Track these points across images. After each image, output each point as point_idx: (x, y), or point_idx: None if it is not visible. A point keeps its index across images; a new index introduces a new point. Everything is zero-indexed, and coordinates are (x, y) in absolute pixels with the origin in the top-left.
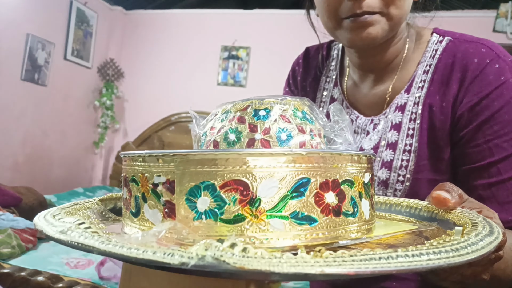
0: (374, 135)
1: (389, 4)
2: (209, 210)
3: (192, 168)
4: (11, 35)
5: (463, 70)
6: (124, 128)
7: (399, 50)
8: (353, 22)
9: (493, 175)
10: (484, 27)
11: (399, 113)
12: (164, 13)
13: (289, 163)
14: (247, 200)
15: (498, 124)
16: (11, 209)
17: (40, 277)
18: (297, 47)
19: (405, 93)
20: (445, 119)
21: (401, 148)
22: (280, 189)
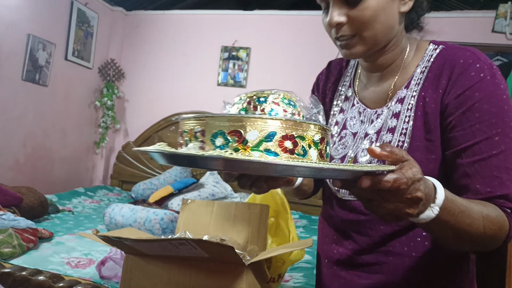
0: (377, 122)
1: (361, 29)
2: (221, 145)
3: (215, 123)
4: (12, 36)
5: (451, 68)
6: (125, 128)
7: (397, 55)
8: (339, 43)
9: (476, 154)
10: (483, 28)
11: (399, 104)
12: (165, 14)
13: (264, 123)
14: (241, 141)
15: (479, 112)
16: (12, 209)
17: (41, 277)
18: (297, 47)
19: (405, 88)
20: (435, 107)
21: (399, 131)
22: (259, 137)
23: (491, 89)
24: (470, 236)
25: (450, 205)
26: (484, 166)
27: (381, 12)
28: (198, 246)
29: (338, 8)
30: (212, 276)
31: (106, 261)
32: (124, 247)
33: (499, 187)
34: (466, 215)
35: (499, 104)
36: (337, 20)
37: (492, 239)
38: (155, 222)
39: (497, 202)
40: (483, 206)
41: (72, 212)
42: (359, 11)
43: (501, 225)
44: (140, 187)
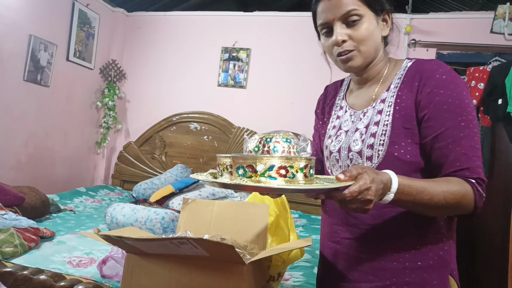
0: (365, 119)
1: (359, 45)
2: (242, 174)
3: (238, 160)
4: (14, 36)
5: (421, 74)
6: (126, 128)
7: (380, 68)
8: (341, 58)
9: (448, 137)
10: (481, 29)
11: (381, 104)
12: (166, 15)
13: (267, 159)
14: (253, 171)
15: (446, 104)
16: (13, 209)
17: (43, 276)
18: (296, 48)
19: (386, 91)
20: (411, 103)
21: (382, 123)
22: (264, 168)
23: (453, 87)
24: (433, 207)
25: (406, 189)
26: (455, 146)
27: (372, 33)
28: (198, 245)
29: (340, 29)
30: (213, 274)
31: (107, 260)
32: (125, 246)
33: (466, 161)
34: (425, 193)
35: (461, 98)
36: (341, 38)
37: (458, 205)
38: (156, 222)
39: (464, 174)
40: (446, 182)
41: (74, 211)
42: (357, 31)
43: (462, 195)
44: (141, 186)
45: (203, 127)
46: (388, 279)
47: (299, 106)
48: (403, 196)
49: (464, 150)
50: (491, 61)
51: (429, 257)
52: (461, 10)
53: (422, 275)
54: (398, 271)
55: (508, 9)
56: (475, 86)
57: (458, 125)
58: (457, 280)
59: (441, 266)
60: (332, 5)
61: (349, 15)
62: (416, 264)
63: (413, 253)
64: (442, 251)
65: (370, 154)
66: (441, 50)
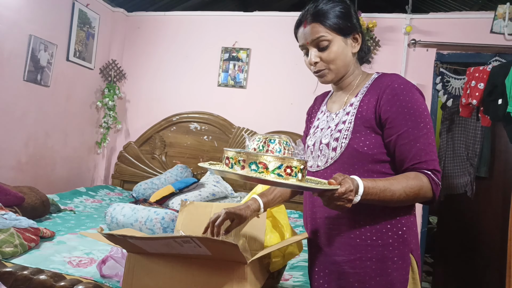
0: (336, 119)
1: (329, 64)
2: (254, 169)
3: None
4: (14, 36)
5: (382, 84)
6: (126, 128)
7: (352, 79)
8: (316, 75)
9: (409, 136)
10: (481, 29)
11: (350, 107)
12: (166, 15)
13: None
14: (264, 167)
15: (406, 108)
16: (13, 209)
17: (43, 276)
18: (296, 48)
19: (355, 97)
20: (371, 106)
21: (348, 122)
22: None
23: (410, 95)
24: (396, 200)
25: (370, 191)
26: (415, 143)
27: (340, 54)
28: (202, 244)
29: (314, 52)
30: (215, 273)
31: (107, 260)
32: (127, 245)
33: (424, 156)
34: (388, 191)
35: (417, 104)
36: (314, 60)
37: (417, 196)
38: (156, 222)
39: (421, 166)
40: (405, 178)
41: (74, 211)
42: (326, 54)
43: (420, 187)
44: (141, 186)
45: (203, 127)
46: (353, 254)
47: (299, 106)
48: (368, 196)
49: (423, 147)
50: (491, 61)
51: (389, 236)
52: (461, 10)
53: (382, 252)
54: (362, 247)
55: (508, 9)
56: (475, 86)
57: (417, 126)
58: (418, 259)
59: (401, 244)
60: (306, 32)
61: (319, 41)
62: (377, 242)
63: (374, 232)
64: (401, 231)
65: (335, 145)
66: (441, 50)
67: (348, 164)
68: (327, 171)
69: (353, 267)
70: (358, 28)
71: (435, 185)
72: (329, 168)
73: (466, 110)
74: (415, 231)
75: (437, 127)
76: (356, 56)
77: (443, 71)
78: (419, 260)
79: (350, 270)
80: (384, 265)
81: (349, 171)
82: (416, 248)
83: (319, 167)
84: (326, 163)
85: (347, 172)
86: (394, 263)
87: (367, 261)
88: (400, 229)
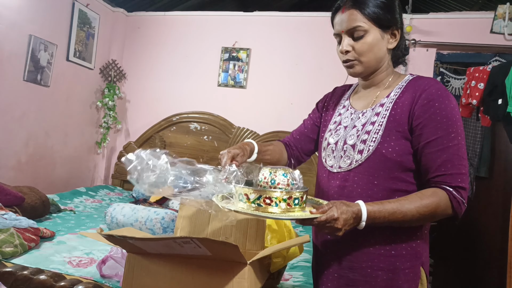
0: (363, 118)
1: (360, 56)
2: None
3: (270, 194)
4: (14, 36)
5: (418, 87)
6: (126, 128)
7: (383, 77)
8: (345, 65)
9: (438, 145)
10: (481, 29)
11: (380, 107)
12: (166, 15)
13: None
14: (269, 203)
15: (440, 116)
16: (13, 209)
17: (43, 276)
18: (296, 48)
19: (386, 97)
20: (406, 110)
21: (377, 123)
22: (278, 199)
23: (446, 102)
24: (408, 221)
25: (377, 215)
26: (443, 153)
27: (374, 47)
28: (202, 245)
29: (347, 41)
30: (215, 274)
31: (107, 260)
32: (127, 245)
33: (451, 168)
34: (398, 213)
35: (452, 112)
36: (345, 48)
37: (434, 214)
38: (156, 222)
39: (445, 179)
40: (419, 197)
41: (74, 211)
42: (359, 44)
43: (436, 204)
44: None
45: (203, 127)
46: (365, 262)
47: (299, 106)
48: (376, 220)
49: (451, 158)
50: (491, 61)
51: (402, 247)
52: (461, 10)
53: (395, 263)
54: (374, 256)
55: (508, 9)
56: (475, 86)
57: (448, 135)
58: (427, 272)
59: (413, 256)
60: (342, 20)
61: (355, 30)
62: (390, 252)
63: (388, 242)
64: (414, 243)
65: (361, 148)
66: (441, 50)
67: (373, 169)
68: (350, 174)
69: (364, 275)
70: (399, 24)
71: (457, 203)
72: (352, 171)
73: (466, 110)
74: (427, 244)
75: None
76: (391, 54)
77: (443, 71)
78: (428, 273)
79: (360, 277)
80: (395, 276)
81: (373, 176)
82: (426, 261)
83: (341, 168)
84: (350, 165)
85: (371, 178)
86: (405, 275)
87: (379, 271)
88: (414, 241)
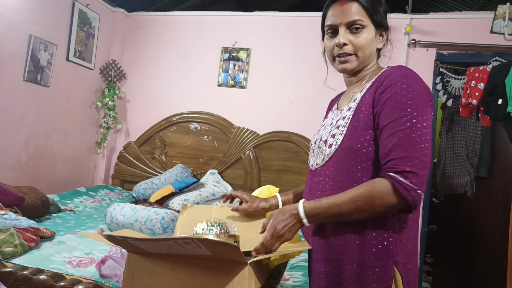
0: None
1: (357, 50)
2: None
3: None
4: (14, 36)
5: (383, 77)
6: (126, 128)
7: (366, 75)
8: (339, 59)
9: (390, 130)
10: (481, 29)
11: (353, 103)
12: (166, 15)
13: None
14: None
15: (393, 101)
16: (13, 209)
17: (43, 276)
18: (296, 48)
19: (360, 93)
20: (369, 100)
21: (347, 118)
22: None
23: (404, 86)
24: (347, 214)
25: (314, 211)
26: (393, 138)
27: (370, 43)
28: (203, 245)
29: (344, 33)
30: (215, 274)
31: (106, 260)
32: (128, 245)
33: (400, 152)
34: (334, 206)
35: (408, 96)
36: (343, 41)
37: (372, 204)
38: (156, 222)
39: (391, 166)
40: (355, 189)
41: (74, 211)
42: (358, 38)
43: (370, 193)
44: (141, 186)
45: (203, 127)
46: (335, 254)
47: (299, 106)
48: (317, 216)
49: (400, 142)
50: (491, 61)
51: (372, 244)
52: (461, 10)
53: (363, 258)
54: (344, 249)
55: (508, 9)
56: (475, 86)
57: (400, 119)
58: (403, 274)
59: (384, 255)
60: (341, 11)
61: (354, 24)
62: (359, 247)
63: (358, 237)
64: (386, 241)
65: (331, 142)
66: (441, 50)
67: (341, 162)
68: (323, 169)
69: (335, 267)
70: (386, 25)
71: (404, 189)
72: (325, 166)
73: (466, 110)
74: (406, 244)
75: (437, 127)
76: (377, 53)
77: (443, 71)
78: (409, 274)
79: (331, 270)
80: (364, 272)
81: (341, 168)
82: (404, 262)
83: (318, 164)
84: (323, 160)
85: (339, 170)
86: (374, 273)
87: (347, 265)
88: (385, 239)
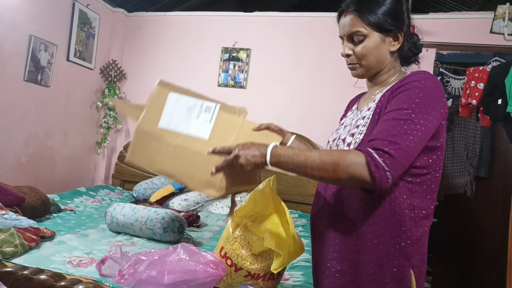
0: (359, 115)
1: (360, 59)
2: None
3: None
4: (14, 37)
5: (402, 79)
6: (126, 128)
7: (385, 78)
8: (349, 67)
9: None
10: (481, 29)
11: (373, 103)
12: (166, 15)
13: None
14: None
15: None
16: (14, 209)
17: (43, 276)
18: (296, 48)
19: (380, 93)
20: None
21: (366, 117)
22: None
23: (419, 86)
24: (309, 167)
25: (282, 153)
26: (386, 123)
27: (374, 50)
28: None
29: (348, 45)
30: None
31: (106, 260)
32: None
33: (384, 135)
34: (301, 155)
35: (419, 96)
36: (346, 52)
37: (335, 167)
38: (156, 221)
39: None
40: (330, 150)
41: (74, 211)
42: (359, 48)
43: (340, 156)
44: (141, 186)
45: None
46: (352, 253)
47: (299, 106)
48: (281, 158)
49: (391, 128)
50: (491, 61)
51: (390, 244)
52: (461, 10)
53: (381, 258)
54: (361, 248)
55: (508, 9)
56: (475, 86)
57: (401, 110)
58: (418, 277)
59: (402, 256)
60: (343, 24)
61: (354, 35)
62: (377, 247)
63: (376, 236)
64: (404, 242)
65: (350, 141)
66: (441, 50)
67: None
68: None
69: (351, 266)
70: (403, 27)
71: (375, 166)
72: None
73: (465, 110)
74: (421, 248)
75: None
76: (395, 55)
77: (442, 71)
78: (421, 277)
79: (347, 269)
80: (382, 272)
81: None
82: (418, 265)
83: None
84: None
85: None
86: (392, 273)
87: (365, 264)
88: (403, 240)
